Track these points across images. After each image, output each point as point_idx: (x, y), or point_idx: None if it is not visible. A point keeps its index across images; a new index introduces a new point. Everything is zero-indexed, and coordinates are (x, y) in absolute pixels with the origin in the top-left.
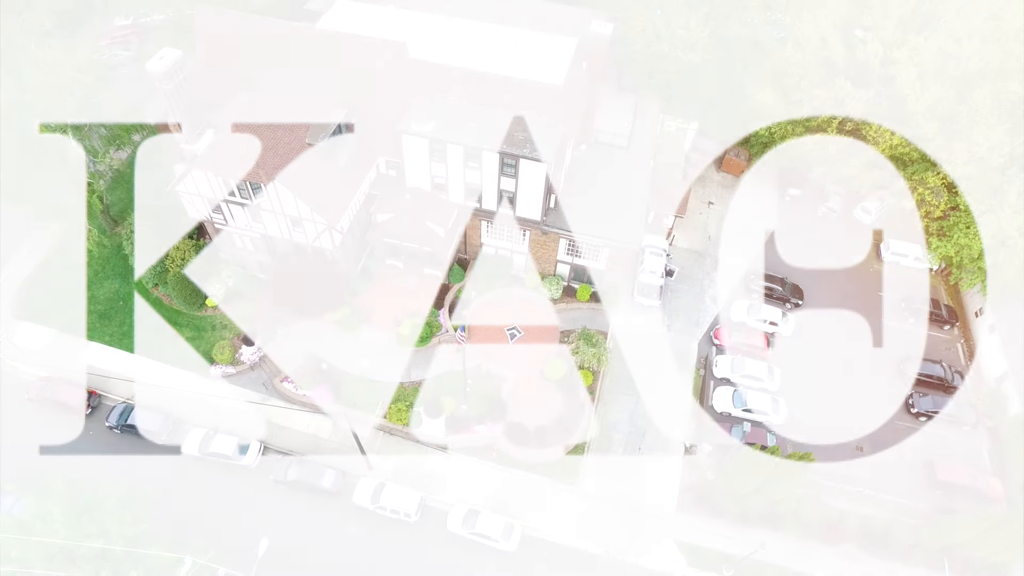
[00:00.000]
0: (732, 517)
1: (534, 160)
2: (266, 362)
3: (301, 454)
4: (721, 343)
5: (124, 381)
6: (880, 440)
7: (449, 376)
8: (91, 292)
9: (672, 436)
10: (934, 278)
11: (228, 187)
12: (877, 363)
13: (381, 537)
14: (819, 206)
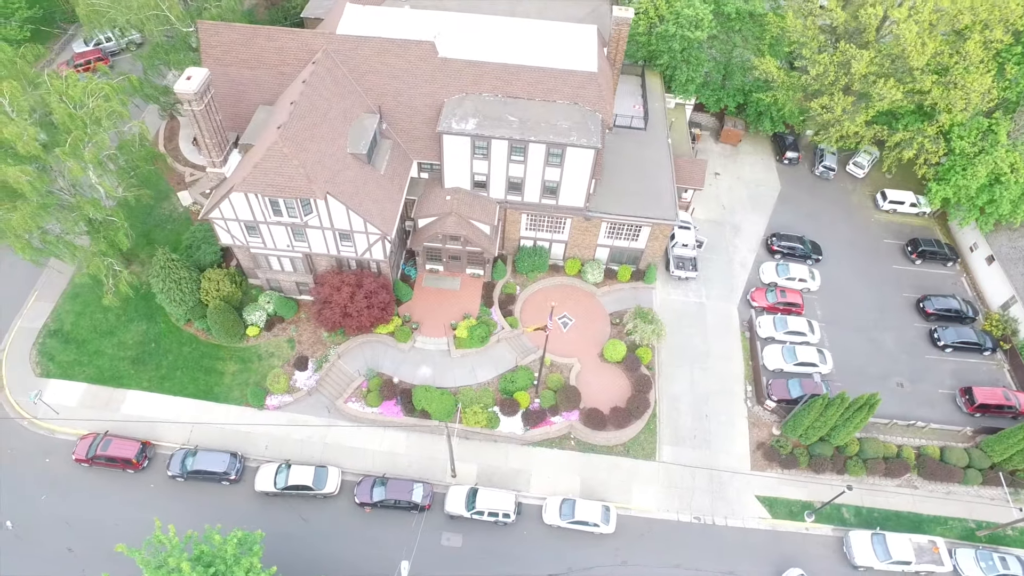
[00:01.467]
0: (802, 466)
1: (584, 147)
2: (324, 384)
3: (382, 473)
4: (759, 304)
5: (175, 426)
6: (916, 375)
7: (515, 373)
8: (117, 337)
9: (734, 398)
10: (928, 220)
11: (273, 207)
12: (897, 305)
13: (481, 542)
14: (816, 166)
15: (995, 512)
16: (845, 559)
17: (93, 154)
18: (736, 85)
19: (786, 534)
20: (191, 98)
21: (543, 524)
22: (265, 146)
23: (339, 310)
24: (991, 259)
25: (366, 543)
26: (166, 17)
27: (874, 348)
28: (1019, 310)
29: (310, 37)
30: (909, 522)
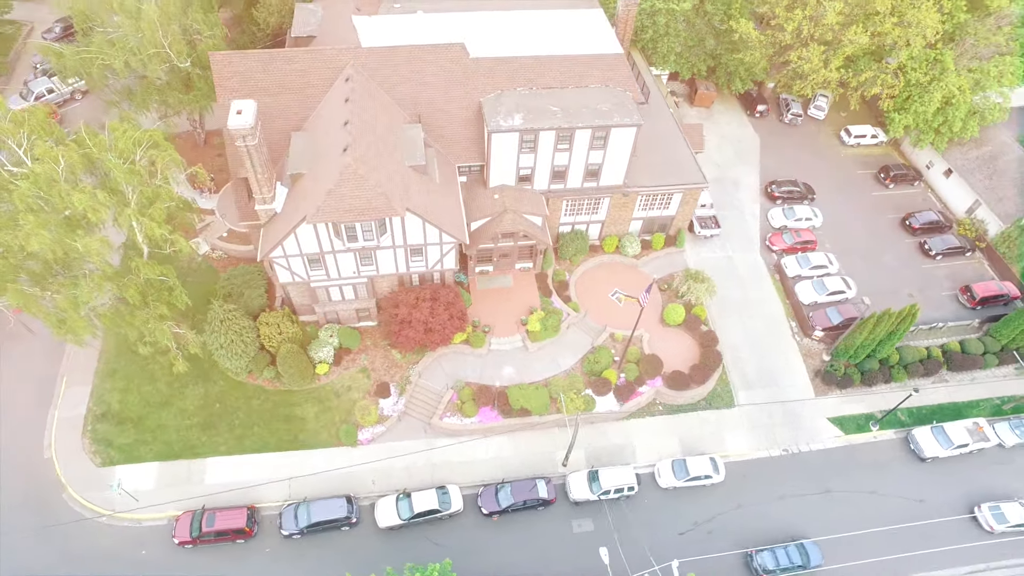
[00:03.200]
0: (857, 384)
1: (628, 126)
2: (412, 406)
3: (500, 479)
4: (778, 248)
5: (270, 483)
6: (919, 283)
7: (595, 354)
8: (175, 406)
9: (782, 337)
10: (887, 148)
11: (348, 233)
12: (885, 227)
13: (610, 520)
14: (784, 115)
15: (1013, 387)
16: (914, 455)
17: (160, 210)
18: (708, 50)
19: (859, 446)
20: (247, 132)
21: (660, 488)
22: (335, 171)
23: (421, 327)
24: (949, 172)
25: (505, 550)
26: (167, 55)
27: (879, 267)
28: (984, 212)
29: (334, 54)
30: (952, 411)
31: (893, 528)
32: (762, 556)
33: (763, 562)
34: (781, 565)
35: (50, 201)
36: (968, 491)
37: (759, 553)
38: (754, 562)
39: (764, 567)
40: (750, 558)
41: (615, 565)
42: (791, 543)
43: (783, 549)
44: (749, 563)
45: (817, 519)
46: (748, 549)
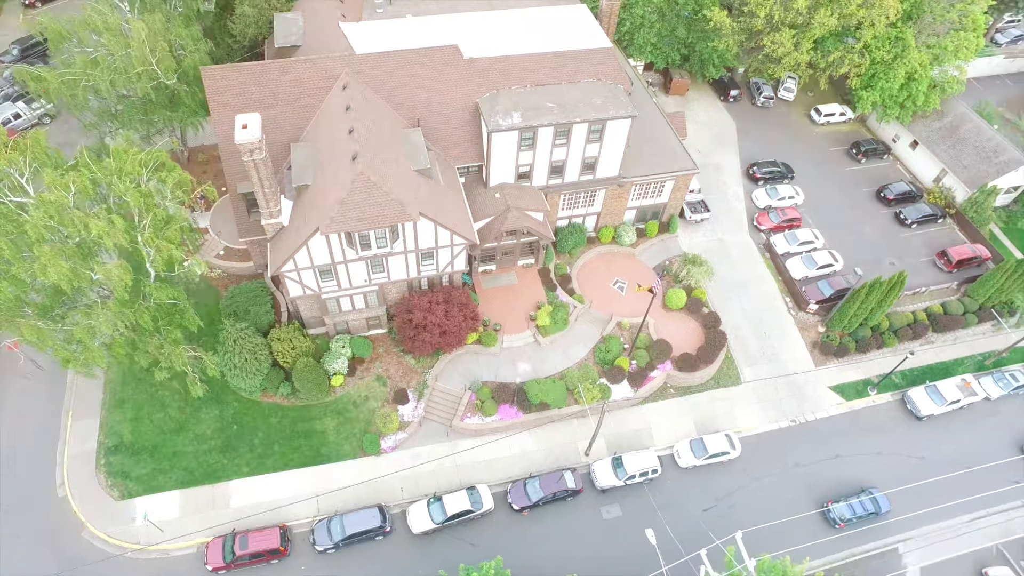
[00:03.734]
0: (852, 352)
1: (623, 117)
2: (432, 410)
3: (527, 474)
4: (766, 227)
5: (300, 501)
6: (898, 252)
7: (605, 344)
8: (190, 432)
9: (778, 312)
10: (854, 125)
11: (362, 241)
12: (861, 200)
13: (636, 504)
14: (756, 98)
15: (992, 342)
16: (911, 415)
17: (176, 232)
18: (680, 39)
19: (860, 411)
20: (255, 146)
21: (680, 468)
22: (346, 179)
23: (437, 330)
24: (915, 144)
25: (540, 544)
26: (154, 72)
27: (860, 239)
28: (951, 179)
29: (329, 63)
30: (940, 371)
31: (902, 487)
32: (839, 507)
33: (840, 513)
34: (857, 514)
35: (61, 230)
36: (962, 445)
37: (835, 505)
38: (831, 514)
39: (841, 517)
40: (827, 511)
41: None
42: (863, 494)
43: (857, 500)
44: (827, 515)
45: (831, 485)
46: (825, 503)
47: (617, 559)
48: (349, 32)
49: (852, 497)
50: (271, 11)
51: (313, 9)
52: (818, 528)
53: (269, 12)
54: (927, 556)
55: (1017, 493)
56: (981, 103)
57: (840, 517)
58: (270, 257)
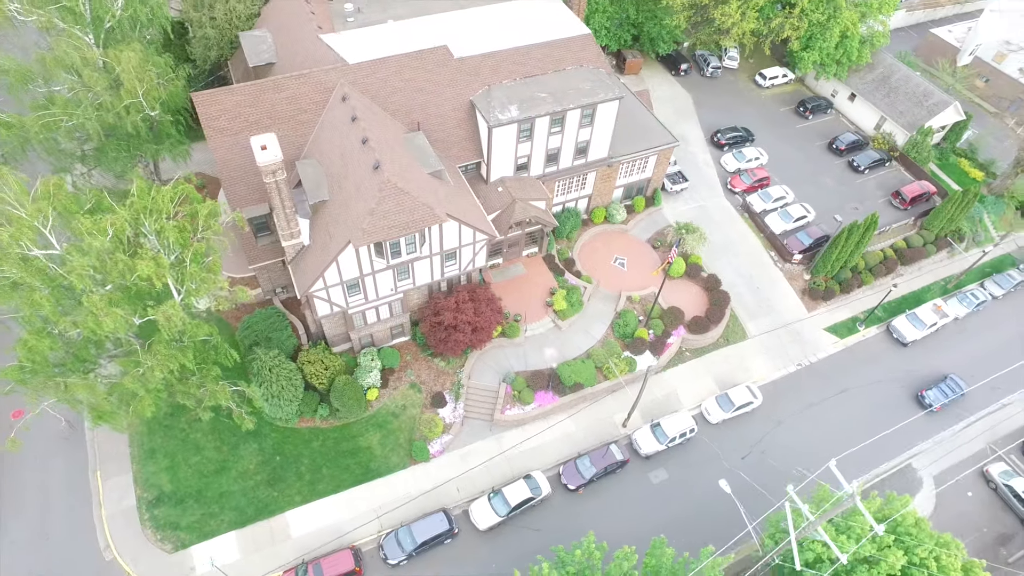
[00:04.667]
0: (838, 293)
1: (612, 99)
2: (471, 408)
3: (575, 454)
4: (740, 189)
5: (358, 520)
6: (858, 197)
7: (621, 319)
8: (233, 470)
9: (766, 267)
10: (796, 85)
11: (392, 249)
12: (816, 153)
13: (679, 464)
14: (705, 70)
15: (951, 268)
16: (898, 343)
17: (217, 263)
18: (631, 20)
19: (854, 346)
20: (278, 166)
21: (711, 425)
22: (372, 189)
23: (468, 328)
24: (853, 97)
25: (600, 517)
26: (140, 104)
27: (822, 189)
28: (890, 125)
29: (323, 76)
30: (913, 300)
31: (903, 406)
32: (930, 393)
33: (933, 398)
34: (948, 397)
35: (98, 276)
36: (944, 359)
37: (928, 391)
38: (926, 400)
39: (935, 400)
40: (922, 397)
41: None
42: (946, 378)
43: (944, 384)
44: (922, 401)
45: (844, 416)
46: (919, 390)
47: (674, 518)
48: (334, 43)
49: (940, 383)
50: (233, 31)
51: (280, 24)
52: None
53: (231, 32)
54: (935, 466)
55: (996, 396)
56: (901, 54)
57: (934, 401)
58: (296, 279)
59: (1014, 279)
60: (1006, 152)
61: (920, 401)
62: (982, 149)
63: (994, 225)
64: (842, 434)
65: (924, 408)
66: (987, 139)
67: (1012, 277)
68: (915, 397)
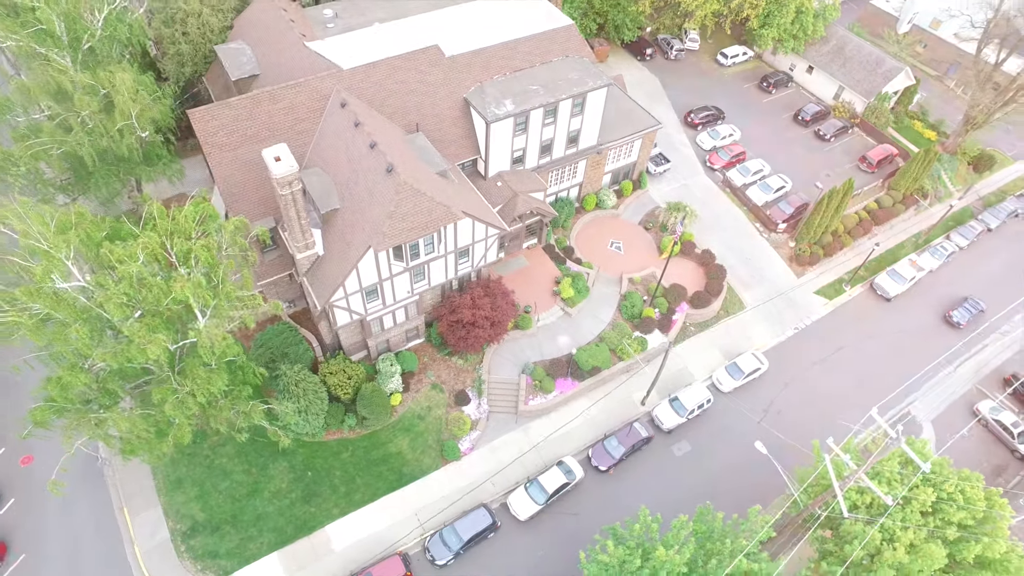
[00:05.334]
0: (822, 257)
1: (600, 87)
2: (495, 403)
3: (601, 435)
4: (719, 165)
5: (398, 525)
6: (828, 164)
7: (627, 301)
8: (265, 490)
9: (753, 238)
10: (756, 62)
11: (412, 251)
12: (783, 126)
13: (701, 435)
14: (669, 53)
15: (919, 223)
16: (882, 299)
17: (249, 278)
18: (596, 9)
19: (843, 306)
20: (294, 178)
21: (724, 394)
22: (387, 193)
23: (487, 323)
24: (810, 69)
25: (634, 494)
26: (133, 126)
27: (793, 159)
28: (848, 94)
29: (318, 83)
30: (889, 257)
31: (897, 357)
32: (957, 311)
33: (959, 317)
34: (972, 313)
35: (140, 302)
36: (927, 310)
37: (954, 311)
38: (953, 319)
39: (962, 319)
40: (950, 316)
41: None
42: (967, 299)
43: (964, 305)
44: (949, 319)
45: (845, 376)
46: (945, 310)
47: (702, 487)
48: (322, 50)
49: (965, 302)
50: (207, 45)
51: (259, 36)
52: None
53: (205, 47)
54: (931, 411)
55: (976, 339)
56: (851, 25)
57: (961, 320)
58: (313, 290)
59: (975, 229)
60: (951, 112)
61: (949, 318)
62: (931, 111)
63: (951, 181)
64: (845, 388)
65: (953, 325)
66: (934, 101)
67: (974, 228)
68: (901, 343)
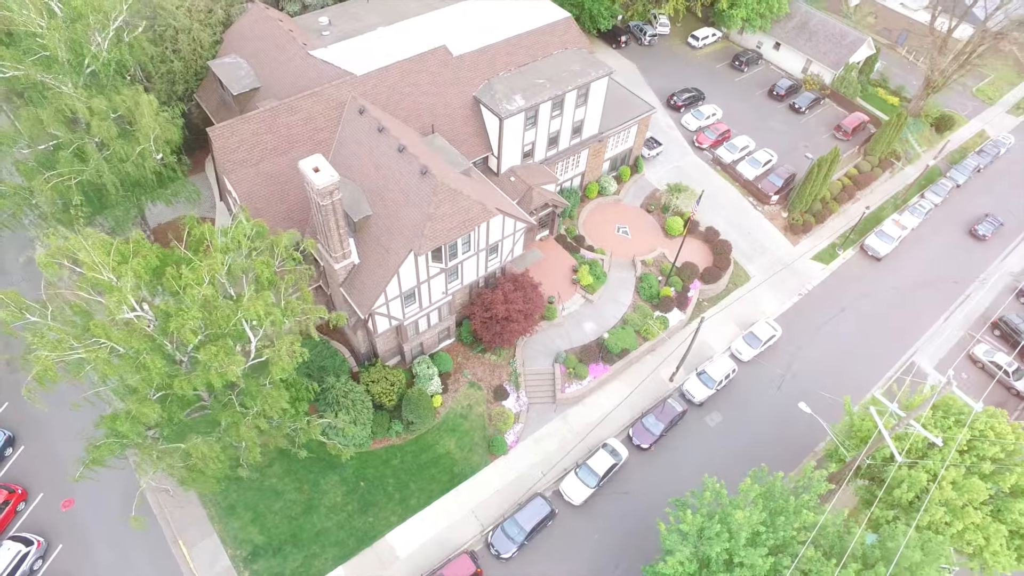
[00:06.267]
0: (814, 224)
1: (602, 77)
2: (532, 394)
3: (640, 414)
4: (707, 145)
5: (459, 525)
6: (806, 134)
7: (642, 282)
8: (322, 506)
9: (748, 212)
10: (724, 42)
11: (451, 252)
12: (758, 102)
13: (729, 405)
14: (642, 39)
15: (895, 185)
16: (873, 259)
17: (308, 295)
18: (574, 1)
19: (839, 269)
20: (335, 186)
21: (745, 363)
22: (423, 195)
23: (521, 316)
24: (777, 45)
25: (678, 468)
26: (149, 149)
27: (773, 133)
28: (816, 67)
29: (334, 91)
30: (874, 219)
31: (895, 311)
32: (982, 226)
33: (984, 230)
34: (994, 227)
35: (210, 325)
36: (915, 269)
37: (979, 225)
38: (981, 230)
39: (985, 233)
40: (976, 230)
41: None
42: (988, 218)
43: (987, 221)
44: (974, 233)
45: (851, 335)
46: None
47: (740, 452)
48: (330, 58)
49: (984, 219)
50: (199, 62)
51: (254, 48)
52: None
53: (197, 64)
54: (931, 358)
55: (959, 288)
56: (812, 0)
57: (985, 233)
58: (352, 299)
59: (947, 186)
60: (907, 78)
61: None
62: (890, 78)
63: (917, 143)
64: (853, 346)
65: (977, 237)
66: (891, 69)
67: (944, 185)
68: (896, 298)
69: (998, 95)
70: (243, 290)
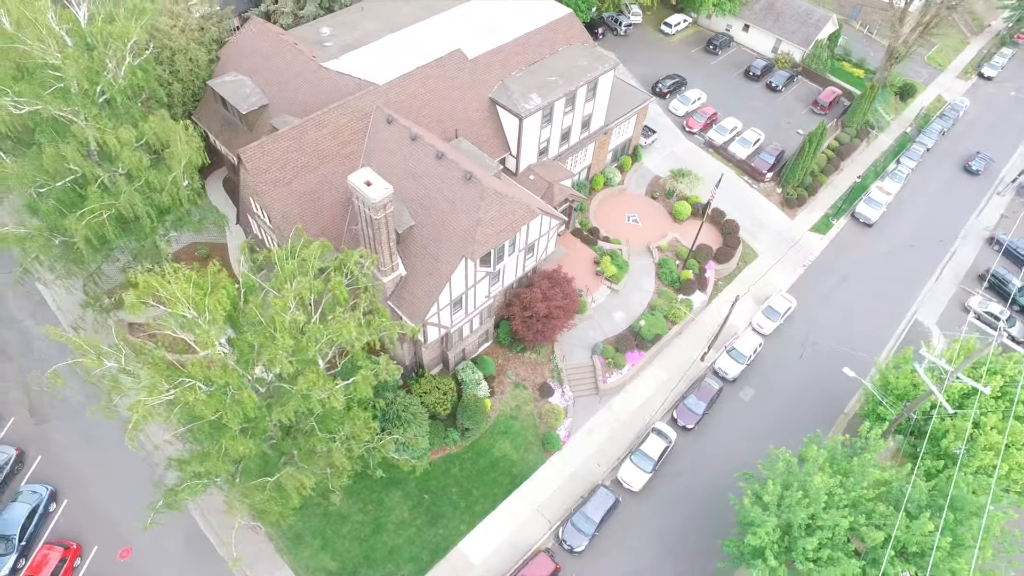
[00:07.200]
0: (807, 197)
1: (608, 71)
2: (576, 387)
3: (679, 397)
4: (697, 129)
5: (528, 524)
6: (786, 112)
7: (662, 269)
8: (390, 523)
9: (745, 191)
10: (695, 27)
11: (498, 254)
12: (736, 83)
13: (759, 378)
14: (618, 30)
15: (874, 153)
16: (866, 227)
17: (384, 310)
18: None
19: (836, 238)
20: (389, 199)
21: (767, 336)
22: (469, 201)
23: (561, 312)
24: (747, 27)
25: (723, 444)
26: (179, 176)
27: (755, 113)
28: (786, 46)
29: (358, 102)
30: (860, 188)
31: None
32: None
33: (978, 164)
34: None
35: (299, 352)
36: (902, 231)
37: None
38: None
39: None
40: (969, 167)
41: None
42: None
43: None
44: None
45: (856, 300)
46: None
47: (777, 422)
48: (345, 68)
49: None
50: (196, 82)
51: (256, 64)
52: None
53: (195, 84)
54: (932, 314)
55: (944, 247)
56: None
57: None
58: (403, 311)
59: (919, 151)
60: (865, 51)
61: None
62: (852, 51)
63: (886, 112)
64: (863, 309)
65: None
66: (850, 43)
67: (917, 149)
68: (891, 260)
69: (947, 61)
70: (313, 313)
